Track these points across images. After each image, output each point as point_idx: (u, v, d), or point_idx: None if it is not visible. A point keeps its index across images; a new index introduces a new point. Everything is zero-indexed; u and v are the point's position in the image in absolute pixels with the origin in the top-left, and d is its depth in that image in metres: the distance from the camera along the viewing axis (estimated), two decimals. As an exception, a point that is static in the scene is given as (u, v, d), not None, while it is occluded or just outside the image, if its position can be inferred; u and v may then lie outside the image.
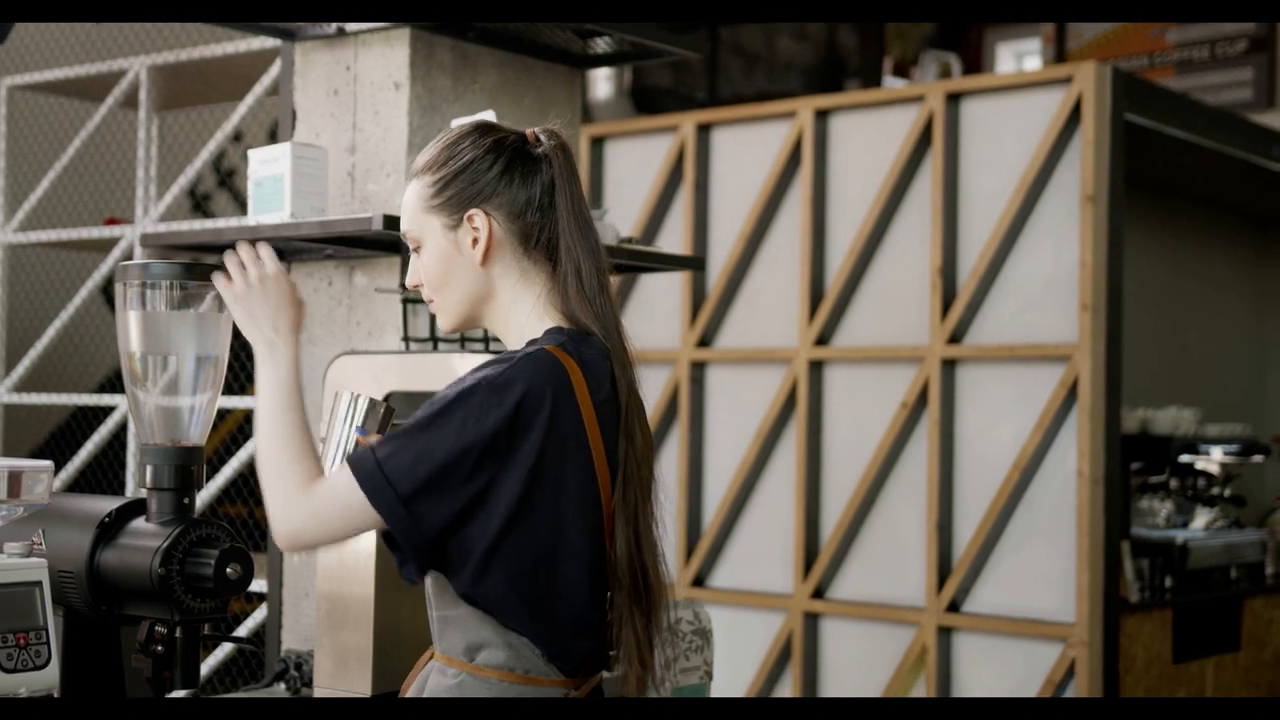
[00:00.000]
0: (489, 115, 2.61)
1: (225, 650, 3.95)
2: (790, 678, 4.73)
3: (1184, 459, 5.22)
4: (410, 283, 1.97)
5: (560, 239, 1.91)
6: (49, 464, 1.89)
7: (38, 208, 4.52)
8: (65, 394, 4.53)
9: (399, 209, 2.25)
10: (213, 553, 1.96)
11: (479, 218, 1.90)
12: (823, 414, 4.78)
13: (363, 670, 2.41)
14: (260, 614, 3.57)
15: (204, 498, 3.98)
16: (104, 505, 2.05)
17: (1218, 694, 4.91)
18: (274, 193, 2.71)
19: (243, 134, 4.95)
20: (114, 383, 5.64)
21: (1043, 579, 4.30)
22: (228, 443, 5.08)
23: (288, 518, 1.78)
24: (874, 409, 4.64)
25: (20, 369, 4.43)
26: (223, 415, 5.39)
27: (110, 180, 5.21)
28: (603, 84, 7.95)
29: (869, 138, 4.73)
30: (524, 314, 1.92)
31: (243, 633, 3.58)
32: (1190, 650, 4.77)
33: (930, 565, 4.46)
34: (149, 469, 2.02)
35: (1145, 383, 5.45)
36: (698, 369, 5.04)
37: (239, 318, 1.90)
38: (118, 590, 2.00)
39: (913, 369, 4.57)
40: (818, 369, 4.78)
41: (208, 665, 3.90)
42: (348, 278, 2.97)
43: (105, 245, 4.34)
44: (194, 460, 2.02)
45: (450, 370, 2.38)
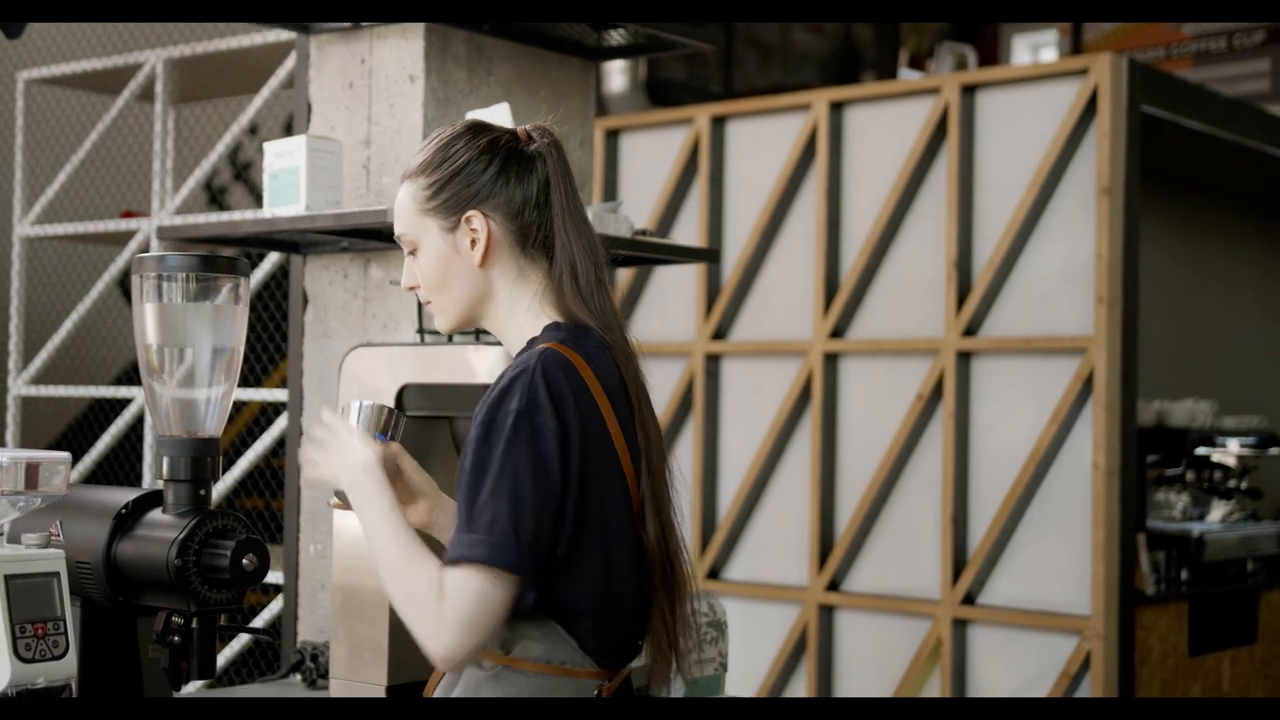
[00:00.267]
0: (504, 108, 2.62)
1: (242, 641, 3.96)
2: (805, 670, 4.74)
3: (1200, 451, 5.21)
4: (406, 284, 1.97)
5: (556, 236, 1.91)
6: (66, 455, 1.90)
7: (55, 201, 4.54)
8: (82, 386, 4.55)
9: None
10: (229, 544, 1.97)
11: (477, 219, 1.90)
12: (837, 407, 4.78)
13: (378, 662, 2.42)
14: (276, 606, 3.58)
15: (220, 490, 4.00)
16: (121, 496, 2.06)
17: (1234, 687, 4.90)
18: (289, 185, 2.71)
19: (258, 127, 4.96)
20: (131, 375, 5.67)
21: (1058, 571, 4.30)
22: (244, 435, 5.10)
23: (439, 640, 1.73)
24: (889, 401, 4.63)
25: (38, 361, 4.45)
26: (239, 408, 5.41)
27: (127, 173, 5.22)
28: (617, 76, 7.95)
29: (884, 130, 4.73)
30: (522, 312, 1.92)
31: (259, 624, 3.59)
32: (1206, 643, 4.76)
33: (945, 558, 4.45)
34: (165, 460, 2.02)
35: (1161, 375, 5.43)
36: (712, 362, 5.04)
37: (329, 480, 1.91)
38: (134, 581, 2.01)
39: (928, 361, 4.56)
40: (832, 361, 4.78)
41: (224, 656, 3.92)
42: (363, 270, 2.97)
43: (122, 238, 4.35)
44: (210, 452, 2.03)
45: (465, 362, 2.38)
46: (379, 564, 1.80)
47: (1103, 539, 4.19)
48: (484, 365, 2.37)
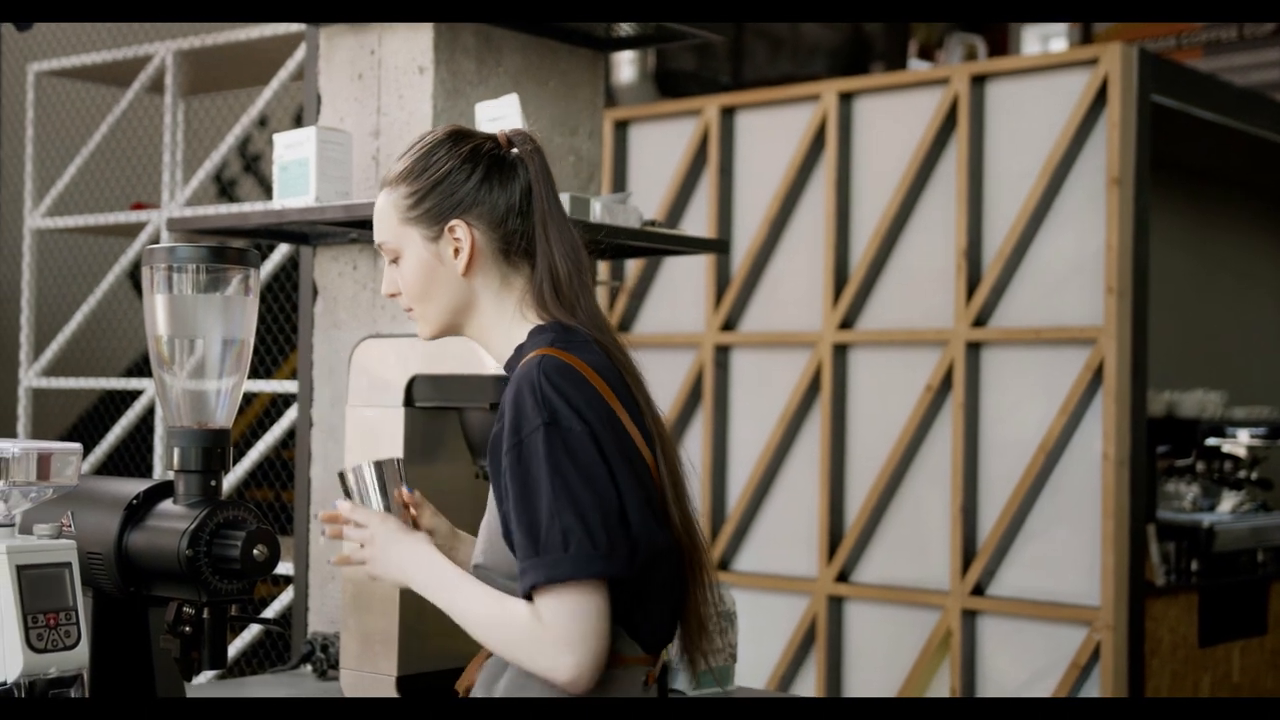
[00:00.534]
0: (513, 99, 2.62)
1: (252, 632, 3.97)
2: (814, 661, 4.74)
3: (1210, 442, 5.21)
4: (386, 291, 1.96)
5: (538, 242, 1.91)
6: (78, 446, 1.91)
7: (65, 193, 4.54)
8: (93, 378, 4.55)
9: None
10: (239, 534, 1.97)
11: (460, 228, 1.90)
12: (847, 397, 4.78)
13: (388, 653, 2.42)
14: (287, 596, 3.59)
15: (231, 481, 4.01)
16: (132, 487, 2.06)
17: (1244, 678, 4.90)
18: (299, 177, 2.72)
19: (268, 119, 4.97)
20: (141, 367, 5.68)
21: (1068, 562, 4.30)
22: (254, 426, 5.10)
23: (557, 665, 1.73)
24: (898, 392, 4.63)
25: (49, 353, 4.46)
26: (249, 399, 5.42)
27: (137, 165, 5.23)
28: (627, 67, 7.95)
29: (894, 120, 4.72)
30: (507, 319, 1.92)
31: (269, 615, 3.60)
32: (1216, 634, 4.76)
33: (955, 549, 4.45)
34: (176, 451, 2.03)
35: (1171, 365, 5.43)
36: (722, 353, 5.04)
37: (393, 582, 1.91)
38: (146, 571, 2.01)
39: (937, 352, 4.56)
40: (842, 352, 4.78)
41: (235, 647, 3.93)
42: (372, 261, 2.98)
43: (132, 230, 4.36)
44: (221, 443, 2.03)
45: (474, 352, 2.38)
46: (470, 629, 1.81)
47: (1112, 530, 4.19)
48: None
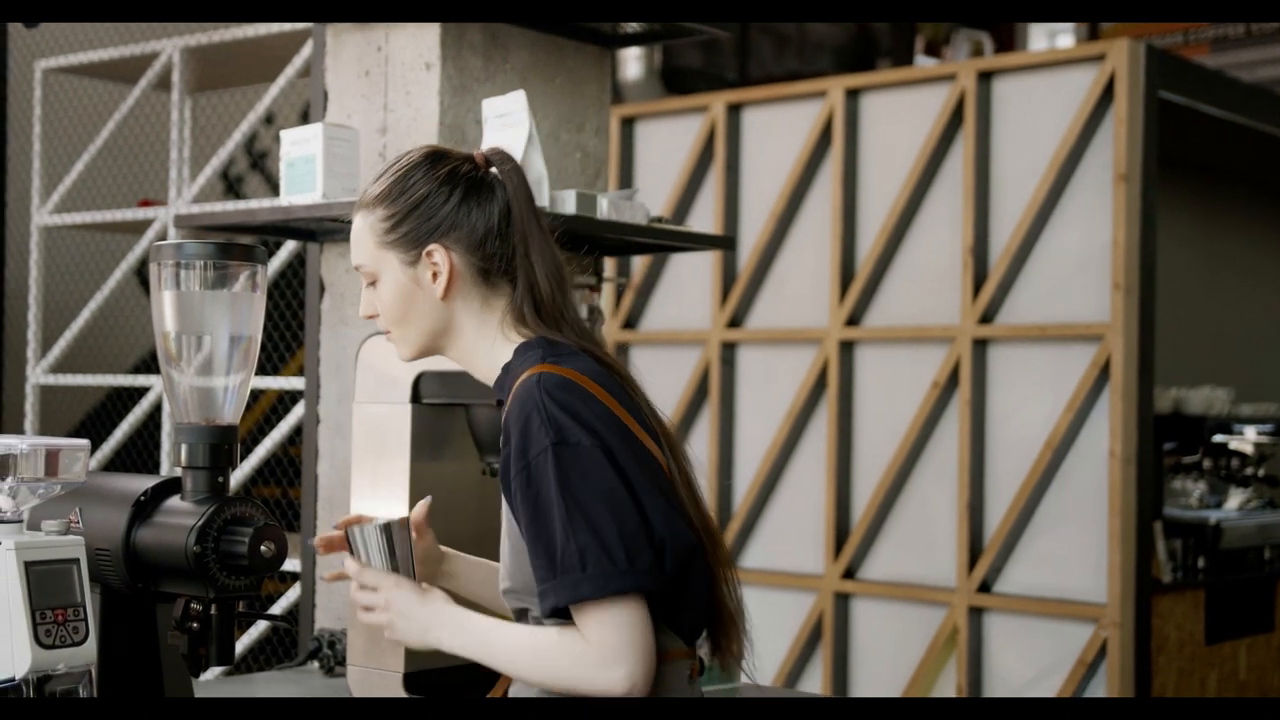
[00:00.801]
0: (520, 95, 2.62)
1: (260, 628, 3.98)
2: (821, 658, 4.74)
3: (1217, 439, 5.20)
4: (364, 313, 1.95)
5: (518, 262, 1.89)
6: (86, 443, 1.91)
7: (72, 190, 4.55)
8: (101, 375, 4.56)
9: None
10: (247, 530, 1.97)
11: (439, 253, 1.88)
12: (854, 394, 4.78)
13: (396, 649, 2.43)
14: (294, 593, 3.60)
15: (238, 478, 4.01)
16: (140, 484, 2.06)
17: (1251, 675, 4.90)
18: (306, 173, 2.72)
19: (275, 116, 4.97)
20: (149, 363, 5.69)
21: (1075, 559, 4.30)
22: (261, 423, 5.11)
23: (609, 679, 1.71)
24: (905, 389, 4.63)
25: (56, 350, 4.47)
26: (256, 396, 5.43)
27: (144, 162, 5.24)
28: (633, 64, 7.94)
29: (900, 117, 4.72)
30: (489, 340, 1.90)
31: (277, 611, 3.61)
32: (1223, 631, 4.76)
33: (961, 545, 4.45)
34: (184, 448, 2.03)
35: (1178, 362, 5.42)
36: (728, 349, 5.04)
37: (420, 646, 1.90)
38: (153, 567, 2.02)
39: (944, 349, 4.56)
40: (848, 349, 4.78)
41: (242, 643, 3.94)
42: (379, 258, 2.98)
43: (139, 227, 4.37)
44: (228, 439, 2.03)
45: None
46: (516, 675, 1.80)
47: (1119, 527, 4.18)
48: (500, 353, 2.36)
